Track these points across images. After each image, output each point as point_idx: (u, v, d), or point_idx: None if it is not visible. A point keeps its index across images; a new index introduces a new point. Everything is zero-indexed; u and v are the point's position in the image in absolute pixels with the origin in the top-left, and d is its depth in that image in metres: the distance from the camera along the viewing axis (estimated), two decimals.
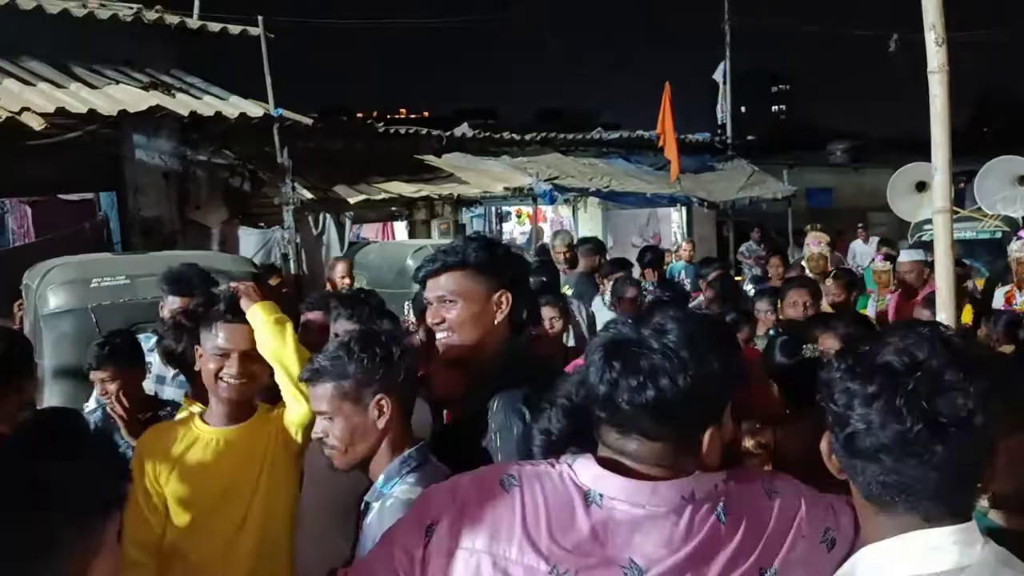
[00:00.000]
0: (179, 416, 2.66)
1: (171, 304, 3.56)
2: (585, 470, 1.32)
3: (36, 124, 5.61)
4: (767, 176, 13.71)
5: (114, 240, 7.77)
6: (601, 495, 1.29)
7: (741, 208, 12.70)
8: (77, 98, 6.33)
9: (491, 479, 1.35)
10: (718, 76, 14.66)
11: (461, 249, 2.00)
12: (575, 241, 6.97)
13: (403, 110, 12.92)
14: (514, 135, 11.51)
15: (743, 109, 42.01)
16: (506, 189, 9.36)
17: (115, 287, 5.30)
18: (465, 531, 1.31)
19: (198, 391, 2.69)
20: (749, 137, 18.27)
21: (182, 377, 3.16)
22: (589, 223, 12.31)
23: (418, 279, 2.05)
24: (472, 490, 1.35)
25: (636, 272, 6.28)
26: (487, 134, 11.34)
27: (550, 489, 1.32)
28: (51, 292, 5.09)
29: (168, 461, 2.31)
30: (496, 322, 1.99)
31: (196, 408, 2.58)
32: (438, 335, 2.00)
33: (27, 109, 5.73)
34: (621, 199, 11.09)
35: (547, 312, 4.23)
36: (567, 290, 5.70)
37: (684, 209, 13.07)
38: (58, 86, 6.49)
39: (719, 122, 14.89)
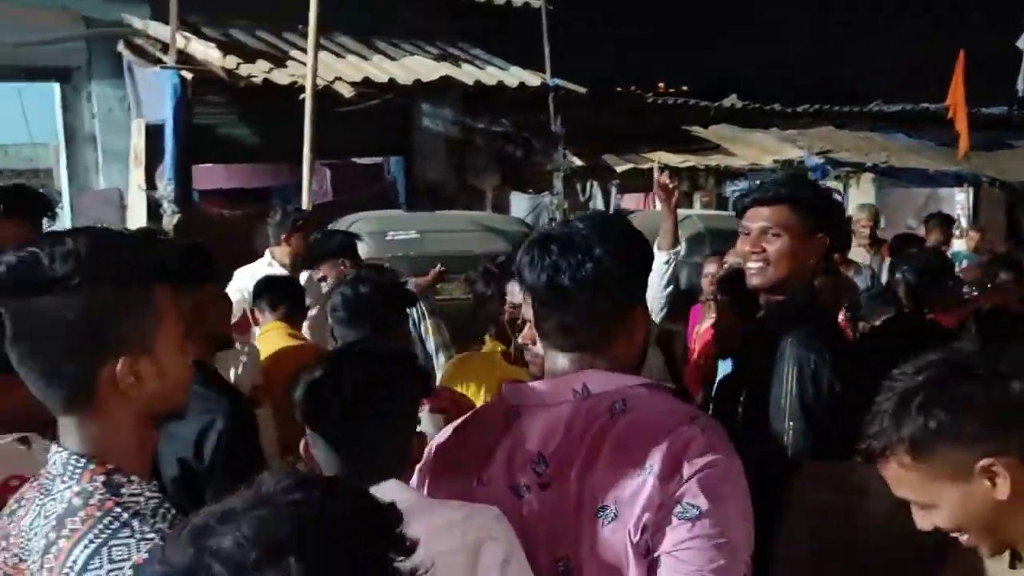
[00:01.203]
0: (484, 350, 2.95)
1: None
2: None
3: (346, 92, 6.23)
4: None
5: (400, 201, 8.46)
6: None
7: None
8: (379, 69, 6.95)
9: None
10: (1022, 44, 13.18)
11: (794, 184, 2.08)
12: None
13: (661, 84, 12.83)
14: (784, 107, 11.11)
15: None
16: (775, 162, 9.09)
17: (407, 240, 5.84)
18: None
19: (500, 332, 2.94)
20: None
21: None
22: (860, 200, 11.63)
23: (741, 206, 2.14)
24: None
25: None
26: (756, 105, 11.03)
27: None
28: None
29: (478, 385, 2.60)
30: (808, 263, 2.04)
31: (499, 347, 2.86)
32: (749, 265, 2.08)
33: (339, 79, 6.37)
34: (900, 176, 10.38)
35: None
36: None
37: (971, 190, 11.97)
38: (363, 58, 7.16)
39: (1019, 95, 13.41)
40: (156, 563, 0.84)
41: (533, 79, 7.64)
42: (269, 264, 4.46)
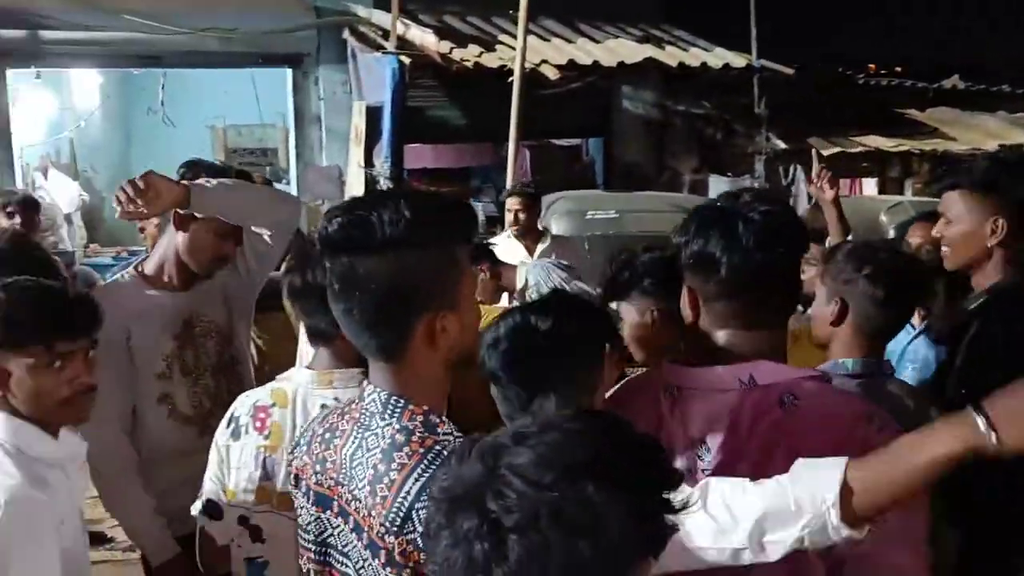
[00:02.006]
0: None
1: None
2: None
3: (552, 75, 6.41)
4: None
5: (597, 181, 8.58)
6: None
7: None
8: (584, 51, 7.08)
9: None
10: None
11: (970, 170, 2.06)
12: None
13: (872, 65, 12.04)
14: (1015, 88, 10.25)
15: None
16: (1001, 147, 8.44)
17: (606, 220, 5.95)
18: None
19: None
20: None
21: None
22: None
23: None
24: None
25: None
26: (981, 87, 10.25)
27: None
28: (554, 220, 5.88)
29: None
30: (986, 246, 2.04)
31: None
32: (942, 248, 2.14)
33: (545, 62, 6.56)
34: None
35: None
36: None
37: None
38: (568, 41, 7.32)
39: None
40: (447, 477, 0.92)
41: (738, 60, 7.52)
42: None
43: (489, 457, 0.89)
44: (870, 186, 9.53)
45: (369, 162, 6.69)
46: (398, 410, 1.32)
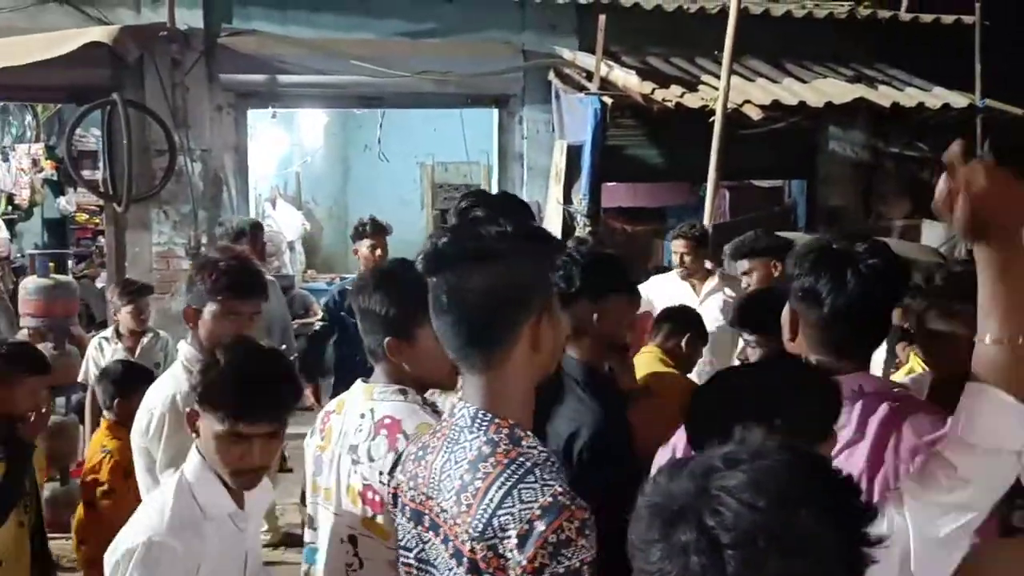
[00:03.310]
0: None
1: None
2: None
3: (755, 115, 6.32)
4: None
5: (799, 225, 8.31)
6: None
7: None
8: (789, 91, 6.93)
9: None
10: None
11: None
12: None
13: None
14: None
15: None
16: None
17: None
18: None
19: None
20: None
21: None
22: None
23: None
24: None
25: None
26: None
27: None
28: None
29: None
30: None
31: None
32: None
33: (748, 102, 6.48)
34: None
35: None
36: None
37: None
38: (773, 81, 7.19)
39: None
40: (655, 493, 0.97)
41: (959, 100, 7.09)
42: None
43: (701, 477, 0.94)
44: None
45: (567, 199, 6.85)
46: (485, 423, 1.40)
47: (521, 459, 1.35)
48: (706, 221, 5.99)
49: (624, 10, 7.32)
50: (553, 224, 7.13)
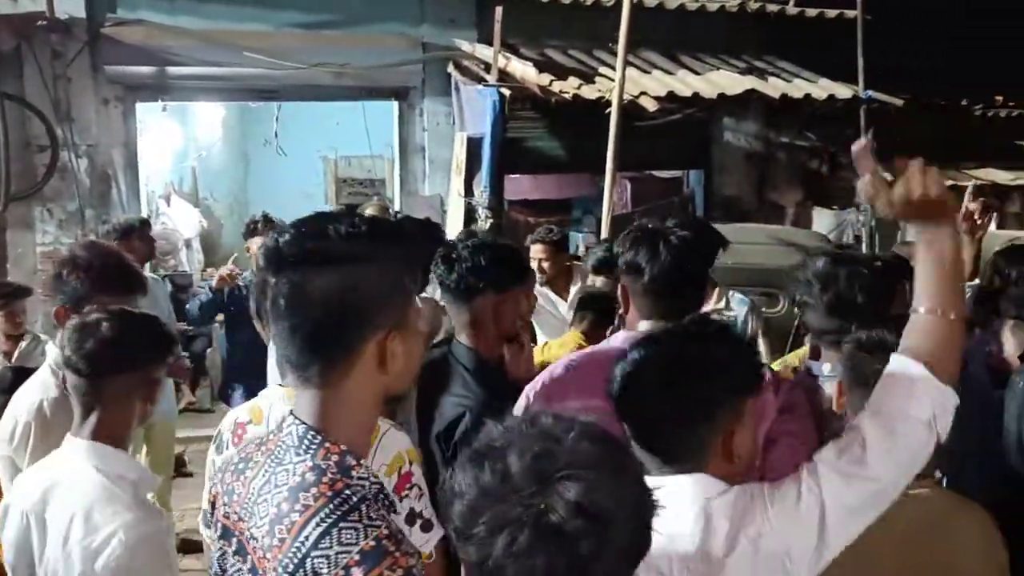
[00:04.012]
0: None
1: None
2: None
3: (651, 106, 6.43)
4: None
5: (697, 214, 8.51)
6: None
7: None
8: (683, 83, 7.08)
9: None
10: None
11: None
12: None
13: (1000, 96, 11.46)
14: None
15: None
16: None
17: None
18: None
19: None
20: None
21: None
22: None
23: None
24: None
25: None
26: None
27: None
28: None
29: None
30: None
31: None
32: None
33: (644, 93, 6.59)
34: None
35: None
36: None
37: None
38: (668, 73, 7.33)
39: None
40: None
41: (844, 91, 7.37)
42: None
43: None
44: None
45: (469, 192, 6.85)
46: (314, 446, 1.24)
47: (347, 492, 1.19)
48: (604, 212, 6.06)
49: (522, 2, 7.34)
50: (455, 217, 7.11)
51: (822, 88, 7.42)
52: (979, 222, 3.18)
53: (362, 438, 1.31)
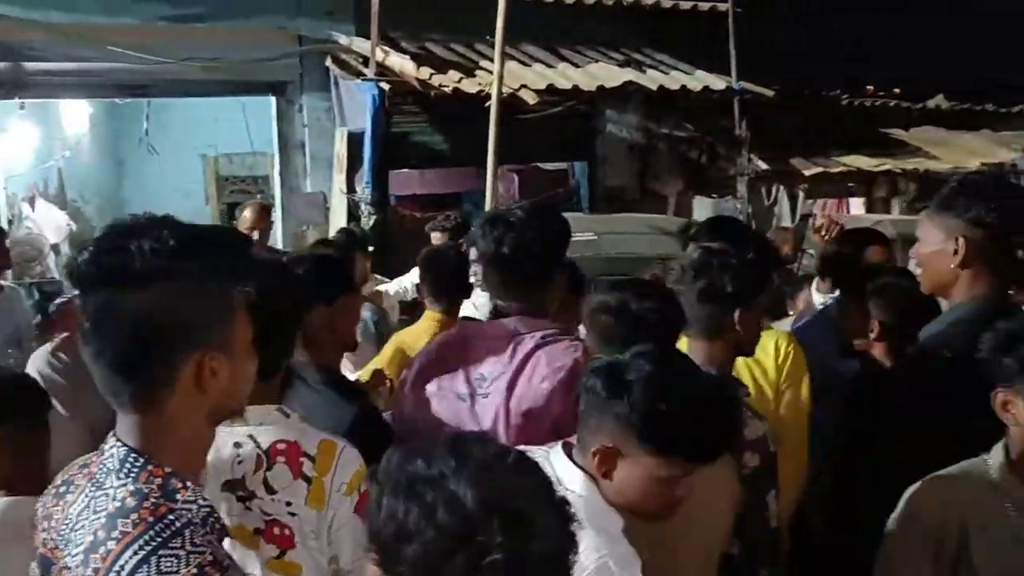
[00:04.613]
0: None
1: None
2: None
3: (531, 99, 6.46)
4: None
5: (583, 206, 8.61)
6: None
7: None
8: (564, 76, 7.14)
9: None
10: None
11: (943, 193, 2.08)
12: None
13: (870, 87, 12.11)
14: (999, 108, 10.31)
15: None
16: (983, 165, 8.48)
17: (584, 242, 5.97)
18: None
19: None
20: None
21: None
22: None
23: None
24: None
25: None
26: (966, 106, 10.31)
27: None
28: None
29: None
30: (950, 270, 2.02)
31: None
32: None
33: (524, 86, 6.61)
34: None
35: None
36: None
37: None
38: (548, 66, 7.38)
39: None
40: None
41: (718, 83, 7.57)
42: None
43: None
44: (857, 206, 9.56)
45: (351, 188, 6.73)
46: (136, 469, 1.16)
47: (171, 518, 1.12)
48: (488, 206, 6.04)
49: None
50: (338, 214, 6.98)
51: (698, 80, 7.61)
52: (826, 237, 3.47)
53: (192, 459, 1.24)
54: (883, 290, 2.77)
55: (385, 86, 6.44)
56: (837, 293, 3.18)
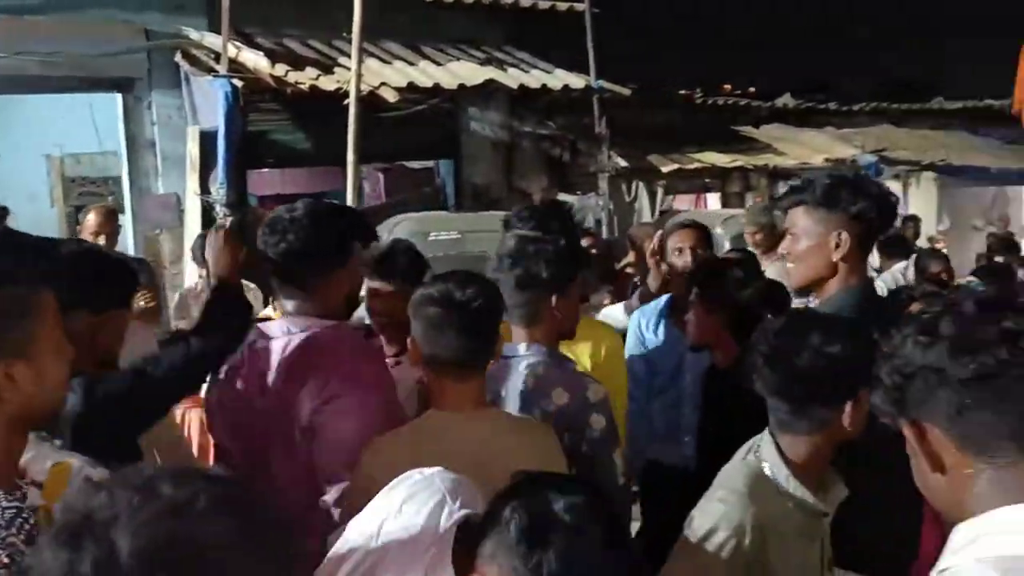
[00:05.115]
0: None
1: None
2: None
3: (391, 97, 6.39)
4: None
5: (448, 203, 8.61)
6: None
7: None
8: (424, 74, 7.10)
9: None
10: None
11: (807, 185, 2.11)
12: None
13: (727, 85, 12.62)
14: (841, 106, 10.94)
15: None
16: (826, 161, 8.98)
17: (449, 241, 5.97)
18: None
19: None
20: None
21: None
22: (921, 201, 11.37)
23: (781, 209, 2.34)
24: None
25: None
26: (811, 104, 10.89)
27: None
28: None
29: None
30: (829, 263, 2.07)
31: None
32: (787, 265, 2.22)
33: (384, 84, 6.54)
34: (959, 174, 10.13)
35: None
36: None
37: None
38: (410, 64, 7.32)
39: None
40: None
41: (577, 81, 7.71)
42: None
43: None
44: (714, 201, 9.95)
45: (205, 189, 6.49)
46: None
47: None
48: (349, 204, 5.95)
49: None
50: (193, 217, 6.72)
51: (558, 78, 7.73)
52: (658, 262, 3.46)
53: (4, 465, 1.21)
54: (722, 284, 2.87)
55: (238, 83, 6.23)
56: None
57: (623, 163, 8.19)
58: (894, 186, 11.39)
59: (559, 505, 1.16)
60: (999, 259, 6.79)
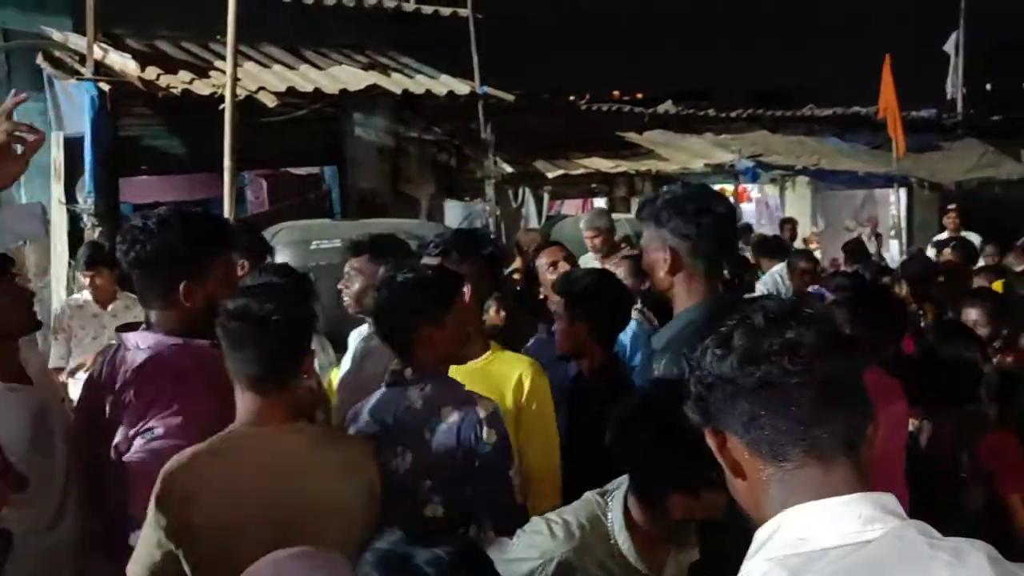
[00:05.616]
0: None
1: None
2: None
3: (270, 102, 6.22)
4: (1005, 157, 12.52)
5: (334, 210, 8.45)
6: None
7: (969, 191, 11.72)
8: (306, 78, 6.95)
9: None
10: (949, 48, 13.55)
11: (648, 201, 2.12)
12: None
13: (616, 92, 12.92)
14: (719, 112, 11.30)
15: (988, 86, 37.21)
16: (706, 166, 9.24)
17: (331, 249, 5.84)
18: None
19: None
20: (995, 117, 16.56)
21: None
22: (797, 204, 11.86)
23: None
24: None
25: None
26: (691, 111, 11.21)
27: None
28: (278, 252, 5.69)
29: None
30: (662, 274, 2.09)
31: None
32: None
33: (263, 88, 6.36)
34: (830, 178, 10.61)
35: None
36: None
37: (904, 191, 12.24)
38: (290, 68, 7.15)
39: (948, 98, 13.78)
40: None
41: (462, 87, 7.70)
42: None
43: None
44: (600, 206, 10.10)
45: (71, 198, 6.16)
46: None
47: None
48: (226, 212, 5.75)
49: None
50: (59, 227, 6.38)
51: (443, 84, 7.69)
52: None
53: None
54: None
55: (105, 87, 5.95)
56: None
57: (509, 169, 8.22)
58: (771, 190, 11.88)
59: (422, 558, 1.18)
60: (846, 268, 6.96)
